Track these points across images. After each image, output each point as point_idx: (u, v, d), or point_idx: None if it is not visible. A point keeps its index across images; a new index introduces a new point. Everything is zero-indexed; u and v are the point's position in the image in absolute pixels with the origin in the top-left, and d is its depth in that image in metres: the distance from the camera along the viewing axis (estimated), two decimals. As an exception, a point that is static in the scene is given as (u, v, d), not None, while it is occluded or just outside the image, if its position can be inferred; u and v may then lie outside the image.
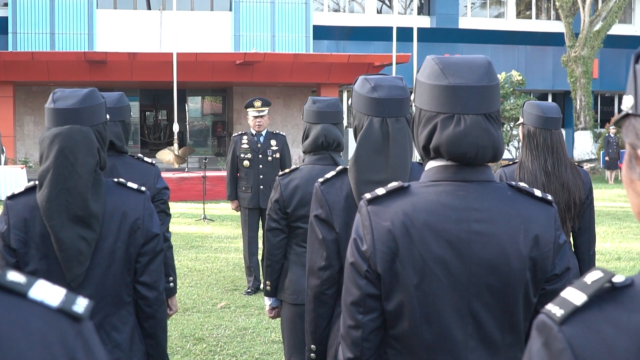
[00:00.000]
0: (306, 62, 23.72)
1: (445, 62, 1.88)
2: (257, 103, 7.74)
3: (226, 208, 14.54)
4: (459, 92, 1.84)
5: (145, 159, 3.81)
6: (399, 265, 1.85)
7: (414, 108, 2.16)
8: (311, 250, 2.74)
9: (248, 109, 7.86)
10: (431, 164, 1.95)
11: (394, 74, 23.00)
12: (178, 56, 20.99)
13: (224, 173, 16.97)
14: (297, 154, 23.88)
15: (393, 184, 1.93)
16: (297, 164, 3.85)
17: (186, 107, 25.71)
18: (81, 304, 0.95)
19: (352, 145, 17.22)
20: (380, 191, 1.92)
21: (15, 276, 0.93)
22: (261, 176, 7.81)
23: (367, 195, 1.93)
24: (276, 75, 23.90)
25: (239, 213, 8.23)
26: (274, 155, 7.87)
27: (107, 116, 2.70)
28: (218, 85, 27.53)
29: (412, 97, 2.00)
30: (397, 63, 22.39)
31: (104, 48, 25.64)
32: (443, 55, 2.00)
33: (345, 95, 29.06)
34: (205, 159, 14.65)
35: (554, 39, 30.58)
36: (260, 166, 7.83)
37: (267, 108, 7.87)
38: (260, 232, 8.09)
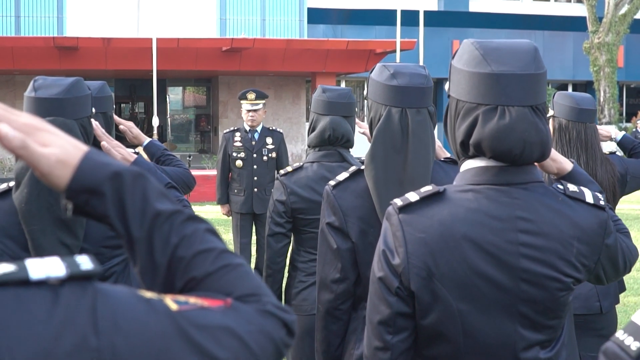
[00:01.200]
0: (300, 49, 23.68)
1: (487, 47, 1.85)
2: (251, 95, 7.69)
3: (212, 211, 14.49)
4: (503, 81, 1.81)
5: None
6: (436, 282, 1.82)
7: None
8: (323, 261, 2.71)
9: (242, 101, 7.82)
10: (469, 164, 1.91)
11: (397, 62, 23.05)
12: (158, 42, 20.94)
13: (209, 172, 16.95)
14: (289, 152, 23.86)
15: (427, 189, 1.89)
16: (291, 164, 3.86)
17: (167, 99, 25.76)
18: (84, 261, 0.96)
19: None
20: (413, 197, 1.88)
21: (3, 267, 0.93)
22: (255, 178, 7.77)
23: (398, 202, 1.89)
24: (267, 63, 23.85)
25: (228, 218, 8.17)
26: (270, 155, 7.82)
27: (93, 110, 2.68)
28: (202, 75, 27.47)
29: (446, 87, 1.96)
30: (401, 50, 22.37)
31: (75, 33, 25.55)
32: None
33: (343, 85, 29.03)
34: (189, 157, 14.64)
35: (574, 24, 30.63)
36: (255, 166, 7.78)
37: (263, 101, 7.82)
38: (254, 238, 8.03)
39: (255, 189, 7.76)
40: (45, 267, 0.93)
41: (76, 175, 1.10)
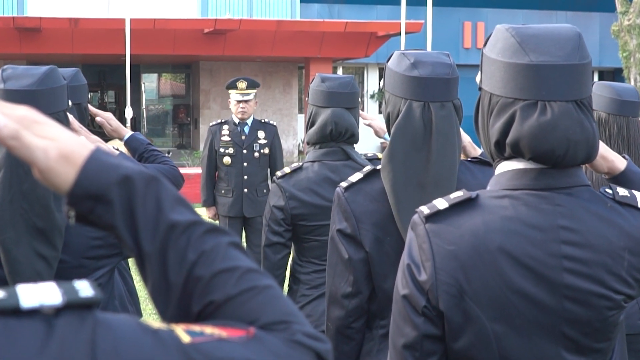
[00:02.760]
0: (292, 31, 23.69)
1: (524, 34, 1.85)
2: (241, 84, 7.70)
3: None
4: (544, 73, 1.81)
5: None
6: (469, 301, 1.82)
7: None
8: (333, 273, 2.72)
9: (230, 91, 7.84)
10: (505, 166, 1.91)
11: (402, 47, 22.62)
12: (131, 23, 20.89)
13: (189, 170, 16.92)
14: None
15: (457, 195, 1.89)
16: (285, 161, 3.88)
17: (141, 87, 25.70)
18: (84, 287, 0.94)
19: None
20: (441, 204, 1.88)
21: None
22: (245, 177, 7.78)
23: (424, 210, 1.89)
24: (254, 47, 23.85)
25: (215, 222, 8.15)
26: (262, 151, 7.83)
27: (69, 102, 2.68)
28: (181, 60, 27.45)
29: (478, 78, 1.96)
30: (406, 32, 22.33)
31: (37, 12, 25.50)
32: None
33: (340, 71, 29.01)
34: (168, 153, 14.63)
35: (601, 4, 30.68)
36: (245, 164, 7.79)
37: (254, 91, 7.84)
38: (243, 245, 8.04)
39: (245, 190, 7.76)
40: (39, 294, 0.91)
41: (80, 178, 1.07)
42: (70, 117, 2.87)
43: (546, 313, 1.82)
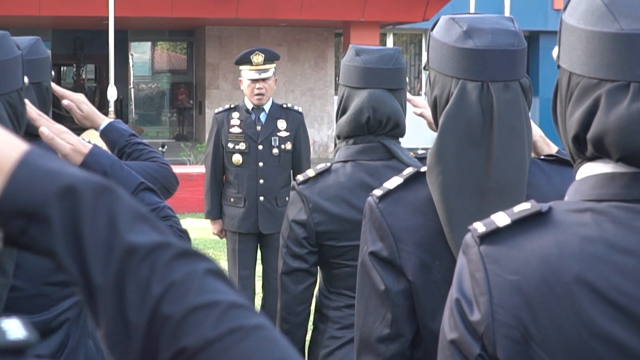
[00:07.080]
0: (327, -13, 23.78)
1: None
2: (257, 57, 7.68)
3: (197, 228, 14.59)
4: (639, 46, 1.79)
5: None
6: (536, 348, 1.81)
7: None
8: (365, 310, 2.73)
9: (241, 67, 7.83)
10: (587, 170, 1.90)
11: (471, 9, 22.52)
12: (116, -24, 21.11)
13: (191, 169, 17.01)
14: (310, 140, 23.90)
15: (523, 208, 1.88)
16: (313, 161, 3.87)
17: (129, 60, 25.78)
18: (13, 327, 0.95)
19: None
20: (501, 220, 1.87)
21: None
22: (261, 180, 7.79)
23: (479, 227, 1.88)
24: (277, 8, 23.95)
25: (222, 239, 8.18)
26: (283, 146, 7.86)
27: (25, 79, 2.73)
28: (181, 24, 27.61)
29: (554, 53, 1.96)
30: (477, -10, 22.38)
31: (-6, -38, 25.80)
32: None
33: (390, 40, 29.04)
34: (163, 146, 14.74)
35: None
36: (260, 164, 7.80)
37: (273, 65, 7.83)
38: (259, 268, 8.04)
39: (261, 198, 7.76)
40: None
41: (8, 190, 1.07)
42: (28, 102, 2.89)
43: None
